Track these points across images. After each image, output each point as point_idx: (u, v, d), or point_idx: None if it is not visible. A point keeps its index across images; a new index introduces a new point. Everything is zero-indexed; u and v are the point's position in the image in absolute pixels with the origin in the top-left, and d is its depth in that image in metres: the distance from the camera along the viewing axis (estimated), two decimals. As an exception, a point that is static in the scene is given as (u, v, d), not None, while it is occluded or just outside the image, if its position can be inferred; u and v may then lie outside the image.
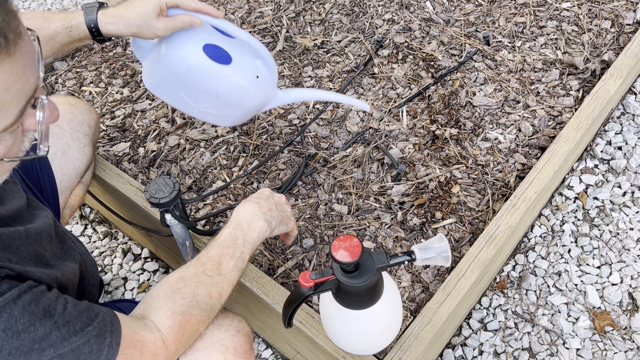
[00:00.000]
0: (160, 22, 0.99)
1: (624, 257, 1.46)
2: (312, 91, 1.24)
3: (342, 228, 1.35)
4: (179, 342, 0.86)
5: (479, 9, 1.87)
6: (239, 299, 1.31)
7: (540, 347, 1.34)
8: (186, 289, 0.89)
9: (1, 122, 0.59)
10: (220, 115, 1.13)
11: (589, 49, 1.71)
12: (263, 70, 1.08)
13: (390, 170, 1.45)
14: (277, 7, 1.96)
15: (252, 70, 1.07)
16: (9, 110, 0.59)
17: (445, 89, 1.63)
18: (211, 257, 0.95)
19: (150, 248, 1.63)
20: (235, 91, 1.07)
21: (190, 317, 0.87)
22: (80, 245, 1.04)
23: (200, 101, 1.08)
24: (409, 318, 1.17)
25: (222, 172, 1.50)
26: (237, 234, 0.99)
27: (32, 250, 0.79)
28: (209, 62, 1.02)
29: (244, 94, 1.08)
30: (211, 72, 1.03)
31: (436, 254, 0.88)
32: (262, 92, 1.10)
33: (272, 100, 1.14)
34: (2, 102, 0.58)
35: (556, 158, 1.38)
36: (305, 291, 0.89)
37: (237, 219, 1.01)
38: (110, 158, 1.54)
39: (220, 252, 0.96)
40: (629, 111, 1.74)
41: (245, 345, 0.96)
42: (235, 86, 1.06)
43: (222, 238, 0.99)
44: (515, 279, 1.46)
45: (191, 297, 0.88)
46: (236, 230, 0.99)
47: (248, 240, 0.99)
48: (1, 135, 0.61)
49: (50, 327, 0.69)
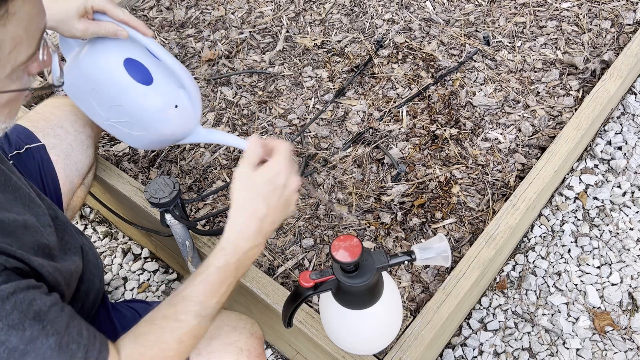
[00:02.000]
0: (81, 23, 0.96)
1: (624, 257, 1.46)
2: (235, 139, 1.07)
3: (342, 228, 1.35)
4: None
5: (479, 9, 1.87)
6: (239, 299, 1.31)
7: (540, 347, 1.34)
8: (151, 336, 0.79)
9: (27, 50, 0.64)
10: (129, 135, 1.05)
11: (589, 49, 1.71)
12: (185, 102, 1.02)
13: (390, 170, 1.45)
14: (277, 7, 1.96)
15: (173, 98, 1.00)
16: (32, 40, 0.65)
17: (445, 89, 1.63)
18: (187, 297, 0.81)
19: (150, 248, 1.63)
20: (147, 114, 1.00)
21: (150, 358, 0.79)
22: (83, 237, 1.04)
23: (111, 115, 1.02)
24: (409, 318, 1.17)
25: (222, 172, 1.50)
26: (230, 263, 0.81)
27: (33, 239, 0.77)
28: (126, 77, 0.97)
29: (157, 120, 1.01)
30: (126, 87, 0.98)
31: (436, 254, 0.88)
32: (178, 123, 1.02)
33: (191, 134, 1.06)
34: (29, 27, 0.64)
35: (556, 158, 1.38)
36: (305, 291, 0.89)
37: (235, 244, 0.81)
38: (110, 158, 1.54)
39: (203, 290, 0.81)
40: (629, 111, 1.74)
41: (258, 348, 0.96)
42: (149, 109, 0.99)
43: (210, 271, 0.81)
44: (515, 279, 1.46)
45: (155, 343, 0.78)
46: (231, 256, 0.81)
47: (240, 267, 0.83)
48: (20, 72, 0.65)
49: (38, 332, 0.66)
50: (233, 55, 1.81)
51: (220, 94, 1.70)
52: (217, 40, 1.86)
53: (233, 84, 1.72)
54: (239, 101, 1.67)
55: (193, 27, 1.93)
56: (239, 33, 1.87)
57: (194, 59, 1.81)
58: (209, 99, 1.69)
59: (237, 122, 1.61)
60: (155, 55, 0.99)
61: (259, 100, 1.66)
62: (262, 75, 1.74)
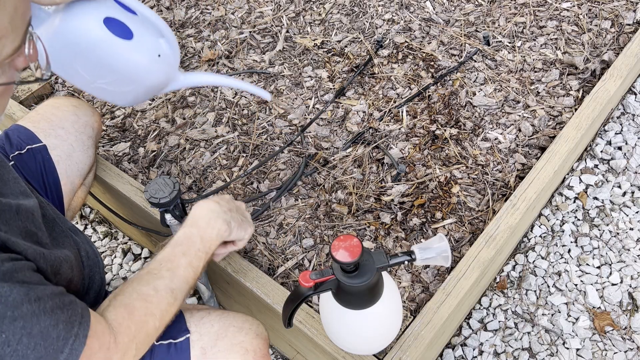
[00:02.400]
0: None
1: (624, 257, 1.46)
2: (213, 76, 1.21)
3: (342, 228, 1.35)
4: (126, 335, 0.83)
5: (479, 9, 1.87)
6: (239, 299, 1.31)
7: (540, 347, 1.34)
8: (127, 287, 0.88)
9: (12, 43, 0.62)
10: (118, 93, 1.10)
11: (589, 49, 1.71)
12: (165, 49, 1.06)
13: (390, 170, 1.45)
14: (277, 7, 1.96)
15: (154, 47, 1.04)
16: (17, 32, 0.62)
17: (445, 89, 1.63)
18: (160, 259, 0.94)
19: (150, 248, 1.63)
20: (135, 68, 1.04)
21: (132, 308, 0.85)
22: (82, 235, 1.04)
23: (98, 76, 1.05)
24: (409, 318, 1.17)
25: (222, 172, 1.50)
26: (193, 232, 0.97)
27: (22, 225, 0.78)
28: (110, 36, 0.99)
29: (144, 72, 1.05)
30: (112, 46, 1.00)
31: (436, 254, 0.88)
32: (163, 71, 1.08)
33: (173, 81, 1.11)
34: (14, 19, 0.61)
35: (556, 158, 1.38)
36: (305, 291, 0.89)
37: (193, 217, 0.99)
38: (110, 158, 1.54)
39: (172, 251, 0.94)
40: (629, 111, 1.74)
41: (263, 349, 0.97)
42: (136, 63, 1.03)
43: (176, 238, 0.97)
44: (515, 279, 1.46)
45: (131, 291, 0.87)
46: (192, 227, 0.97)
47: (205, 238, 0.97)
48: (6, 67, 0.63)
49: (22, 297, 0.67)
50: (233, 55, 1.81)
51: (220, 94, 1.70)
52: (217, 40, 1.86)
53: (233, 84, 1.72)
54: (239, 101, 1.67)
55: (193, 27, 1.93)
56: (239, 33, 1.87)
57: (194, 59, 1.81)
58: (208, 99, 1.69)
59: (237, 122, 1.61)
60: (131, 9, 1.02)
61: (259, 100, 1.66)
62: (262, 75, 1.74)
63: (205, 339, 0.94)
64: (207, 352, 0.92)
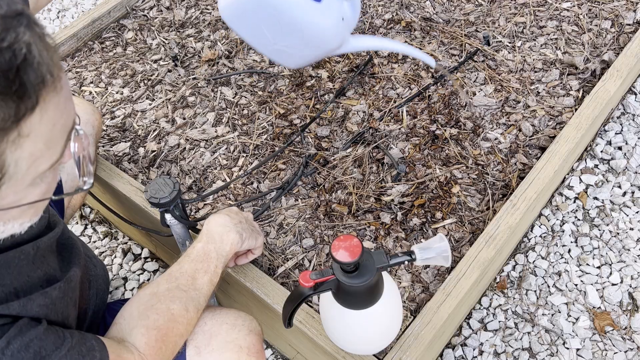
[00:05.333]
0: None
1: (624, 257, 1.46)
2: (381, 40, 1.20)
3: (342, 228, 1.35)
4: (158, 356, 0.85)
5: (479, 9, 1.87)
6: (239, 299, 1.31)
7: (540, 347, 1.34)
8: (160, 305, 0.88)
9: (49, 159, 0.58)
10: (296, 55, 1.09)
11: (589, 49, 1.71)
12: (348, 13, 1.05)
13: (390, 170, 1.45)
14: (277, 7, 1.95)
15: (340, 11, 1.04)
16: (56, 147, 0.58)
17: (445, 89, 1.63)
18: (184, 272, 0.95)
19: (150, 248, 1.63)
20: (321, 31, 1.03)
21: (167, 330, 0.86)
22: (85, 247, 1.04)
23: (282, 39, 1.05)
24: (409, 318, 1.17)
25: (222, 172, 1.50)
26: (210, 248, 0.99)
27: (41, 273, 0.77)
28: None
29: (328, 35, 1.05)
30: (305, 9, 1.00)
31: (436, 254, 0.88)
32: (342, 35, 1.07)
33: (344, 45, 1.10)
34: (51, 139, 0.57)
35: (556, 158, 1.38)
36: (305, 291, 0.89)
37: (209, 232, 1.01)
38: (110, 158, 1.54)
39: (194, 267, 0.96)
40: (629, 111, 1.74)
41: (257, 345, 0.97)
42: (323, 26, 1.03)
43: (195, 252, 0.98)
44: (515, 279, 1.46)
45: (165, 311, 0.87)
46: (209, 244, 0.99)
47: (221, 254, 0.99)
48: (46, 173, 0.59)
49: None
50: (233, 55, 1.81)
51: (220, 94, 1.70)
52: (217, 40, 1.86)
53: (233, 84, 1.72)
54: (239, 101, 1.67)
55: (193, 27, 1.93)
56: (239, 33, 1.87)
57: (194, 59, 1.81)
58: (208, 99, 1.69)
59: (237, 122, 1.61)
60: None
61: (259, 100, 1.66)
62: (262, 75, 1.74)
63: (199, 337, 0.94)
64: (202, 351, 0.92)
